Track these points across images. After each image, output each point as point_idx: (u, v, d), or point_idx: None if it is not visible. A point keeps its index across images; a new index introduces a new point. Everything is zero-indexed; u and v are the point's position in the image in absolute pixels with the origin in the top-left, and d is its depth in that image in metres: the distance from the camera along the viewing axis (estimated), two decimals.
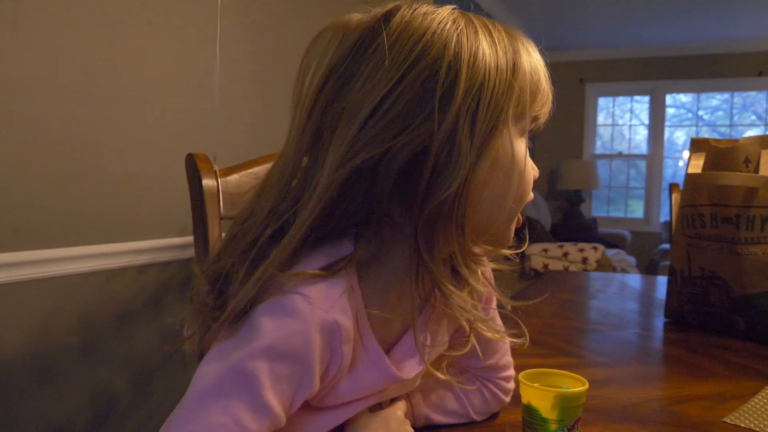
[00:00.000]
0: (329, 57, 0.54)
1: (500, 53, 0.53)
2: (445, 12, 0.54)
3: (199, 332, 0.53)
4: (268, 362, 0.47)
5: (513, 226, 0.59)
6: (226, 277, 0.53)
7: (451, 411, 0.73)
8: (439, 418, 0.73)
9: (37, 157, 1.33)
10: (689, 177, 1.18)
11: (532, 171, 0.58)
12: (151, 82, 1.60)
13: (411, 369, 0.58)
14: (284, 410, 0.49)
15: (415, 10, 0.53)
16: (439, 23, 0.52)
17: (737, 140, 1.15)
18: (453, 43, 0.51)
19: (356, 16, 0.55)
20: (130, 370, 1.59)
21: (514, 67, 0.53)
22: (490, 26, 0.54)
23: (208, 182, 1.01)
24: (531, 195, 0.59)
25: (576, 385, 0.64)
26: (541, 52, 0.58)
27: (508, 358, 0.75)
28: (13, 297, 1.31)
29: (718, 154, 1.17)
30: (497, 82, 0.51)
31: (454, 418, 0.73)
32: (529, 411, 0.63)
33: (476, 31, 0.53)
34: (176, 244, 1.68)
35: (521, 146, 0.55)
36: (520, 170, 0.55)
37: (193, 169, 1.02)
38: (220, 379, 0.46)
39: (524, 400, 0.64)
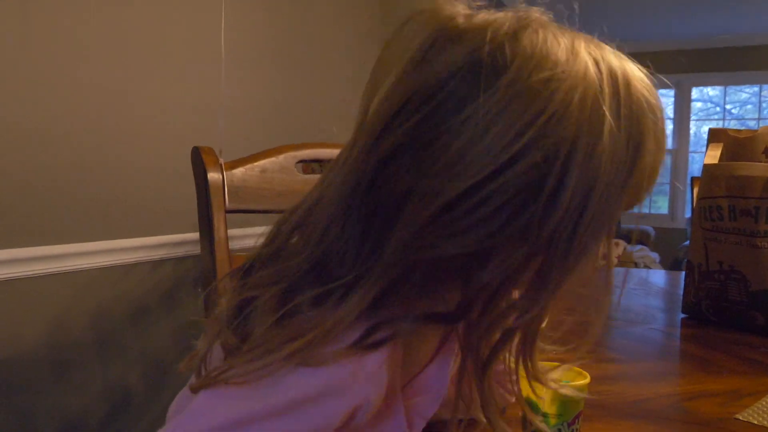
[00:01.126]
0: (413, 74, 0.40)
1: (622, 140, 0.40)
2: (581, 60, 0.41)
3: (209, 346, 0.48)
4: (283, 424, 0.42)
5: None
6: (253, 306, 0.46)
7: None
8: (444, 412, 0.72)
9: (52, 152, 1.34)
10: (706, 168, 1.15)
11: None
12: (161, 76, 1.60)
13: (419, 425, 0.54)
14: None
15: (547, 40, 0.40)
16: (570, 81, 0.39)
17: (756, 130, 1.12)
18: (581, 118, 0.38)
19: (462, 11, 0.42)
20: (144, 366, 1.60)
21: (634, 159, 0.40)
22: (622, 92, 0.41)
23: (213, 175, 1.01)
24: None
25: (577, 378, 0.63)
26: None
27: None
28: (29, 292, 1.33)
29: (737, 144, 1.14)
30: (612, 183, 0.40)
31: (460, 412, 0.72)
32: (529, 404, 0.61)
33: (601, 108, 0.40)
34: (190, 239, 1.69)
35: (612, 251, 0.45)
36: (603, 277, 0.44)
37: (199, 162, 1.02)
38: (225, 428, 0.42)
39: (523, 393, 0.62)
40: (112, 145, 1.48)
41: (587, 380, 0.61)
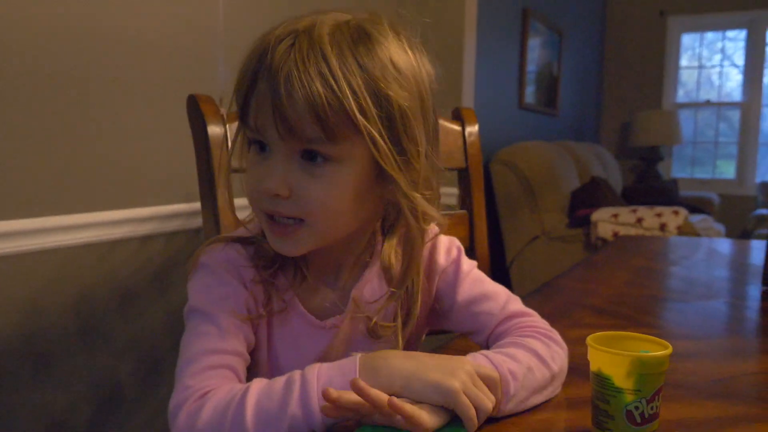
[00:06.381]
0: None
1: None
2: None
3: None
4: None
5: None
6: None
7: None
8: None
9: (23, 110, 1.34)
10: None
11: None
12: (148, 13, 1.59)
13: None
14: None
15: None
16: None
17: None
18: None
19: None
20: (135, 357, 1.62)
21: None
22: None
23: (214, 129, 1.01)
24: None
25: (657, 348, 0.63)
26: None
27: (511, 308, 0.80)
28: None
29: None
30: None
31: None
32: (600, 380, 0.62)
33: None
34: (185, 210, 1.70)
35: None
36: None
37: (197, 113, 1.02)
38: None
39: (593, 367, 0.63)
40: (93, 99, 1.48)
41: (669, 350, 0.62)
